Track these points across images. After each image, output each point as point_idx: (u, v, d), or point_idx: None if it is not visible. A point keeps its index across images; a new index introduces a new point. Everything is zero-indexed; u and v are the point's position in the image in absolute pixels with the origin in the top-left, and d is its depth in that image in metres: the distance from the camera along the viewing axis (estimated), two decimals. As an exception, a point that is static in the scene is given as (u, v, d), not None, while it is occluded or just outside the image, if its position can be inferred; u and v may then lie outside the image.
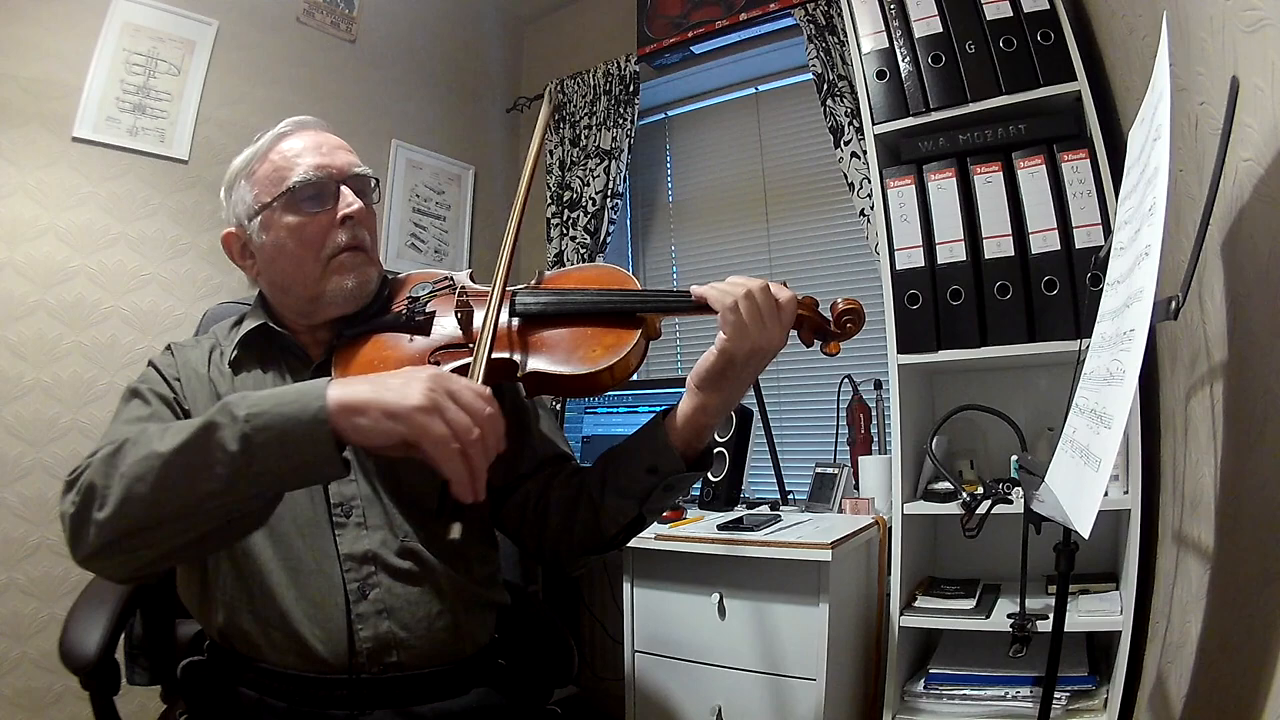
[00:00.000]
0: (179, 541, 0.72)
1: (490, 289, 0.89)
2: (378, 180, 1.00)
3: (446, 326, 0.93)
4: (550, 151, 2.60)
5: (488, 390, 0.70)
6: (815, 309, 0.89)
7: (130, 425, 0.85)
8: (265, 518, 0.76)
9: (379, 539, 0.89)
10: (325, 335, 0.97)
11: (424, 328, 0.93)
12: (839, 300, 0.88)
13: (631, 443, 0.92)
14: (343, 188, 0.94)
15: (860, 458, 1.78)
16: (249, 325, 0.98)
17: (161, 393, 0.92)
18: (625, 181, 2.49)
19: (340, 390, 0.69)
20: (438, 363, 0.88)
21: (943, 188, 1.54)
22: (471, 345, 0.88)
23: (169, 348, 1.01)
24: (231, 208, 0.97)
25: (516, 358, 0.87)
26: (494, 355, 0.87)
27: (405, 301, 0.97)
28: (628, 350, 0.85)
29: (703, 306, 0.83)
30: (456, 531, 0.70)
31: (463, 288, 0.96)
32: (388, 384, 0.69)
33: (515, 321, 0.90)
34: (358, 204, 0.94)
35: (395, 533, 0.90)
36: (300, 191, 0.91)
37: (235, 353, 0.96)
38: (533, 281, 0.97)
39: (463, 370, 0.83)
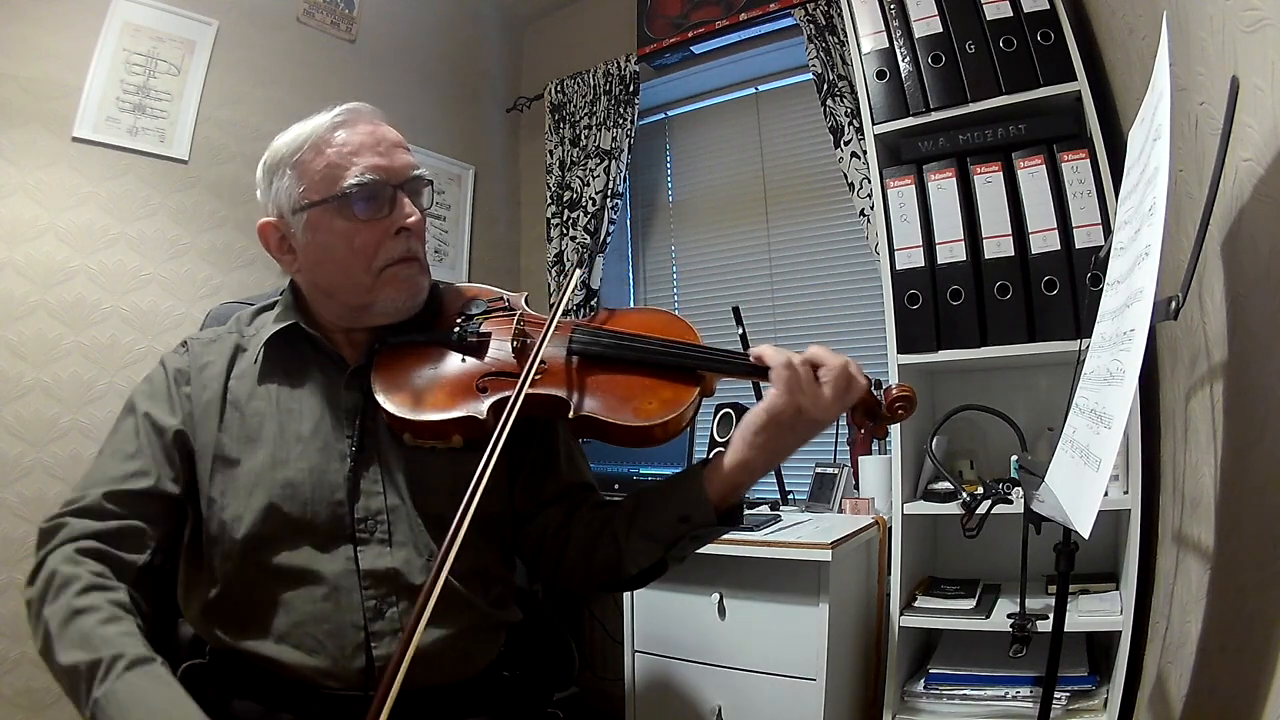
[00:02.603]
0: None
1: (546, 321, 0.86)
2: (431, 181, 0.92)
3: (501, 352, 0.89)
4: (550, 151, 2.60)
5: None
6: (870, 390, 0.86)
7: (114, 465, 0.83)
8: None
9: (402, 557, 0.85)
10: (362, 338, 0.92)
11: (478, 350, 0.90)
12: (893, 386, 0.86)
13: (666, 487, 0.89)
14: (400, 194, 0.87)
15: (860, 458, 1.78)
16: (279, 325, 0.91)
17: (158, 420, 0.86)
18: (625, 181, 2.49)
19: None
20: (485, 389, 0.85)
21: (943, 188, 1.54)
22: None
23: (185, 344, 0.94)
24: (273, 195, 0.88)
25: (570, 397, 0.84)
26: (548, 391, 0.84)
27: (459, 318, 0.93)
28: (684, 408, 0.83)
29: (763, 371, 0.81)
30: None
31: (522, 314, 0.92)
32: None
33: (574, 360, 0.87)
34: (416, 215, 0.87)
35: (420, 550, 0.86)
36: (355, 195, 0.84)
37: (261, 356, 0.91)
38: (589, 318, 0.94)
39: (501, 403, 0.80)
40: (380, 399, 0.85)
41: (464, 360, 0.89)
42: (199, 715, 0.65)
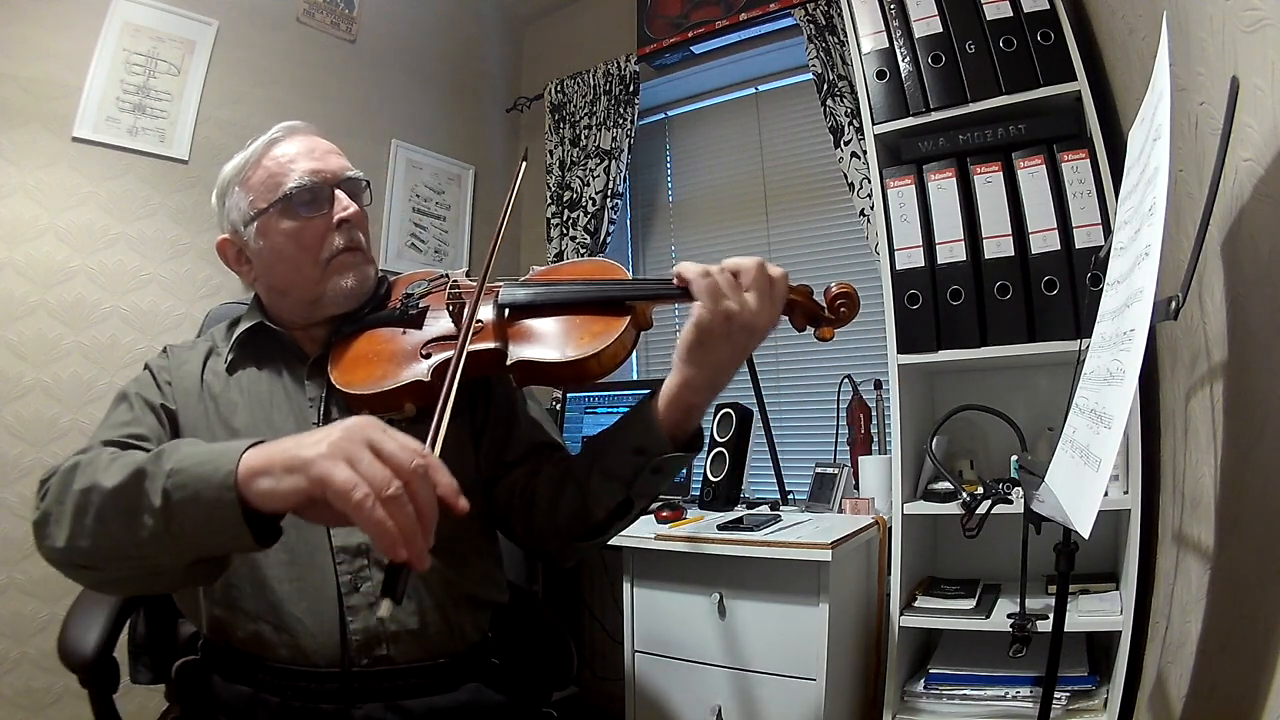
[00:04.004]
0: (123, 580, 0.72)
1: (478, 279, 0.90)
2: (369, 182, 1.01)
3: (439, 320, 0.95)
4: (550, 151, 2.60)
5: (422, 446, 0.63)
6: (809, 295, 0.88)
7: (112, 430, 0.88)
8: (225, 567, 0.74)
9: None
10: (321, 332, 0.98)
11: (417, 321, 0.96)
12: (832, 285, 0.88)
13: (618, 424, 0.91)
14: (337, 191, 0.95)
15: (860, 458, 1.78)
16: (245, 325, 0.99)
17: (148, 398, 0.93)
18: (625, 181, 2.49)
19: (255, 452, 0.64)
20: (429, 354, 0.91)
21: (943, 188, 1.54)
22: None
23: (165, 350, 1.02)
24: (225, 214, 0.98)
25: (504, 347, 0.88)
26: (482, 346, 0.88)
27: (400, 298, 0.99)
28: (615, 337, 0.85)
29: (688, 292, 0.82)
30: (384, 609, 0.58)
31: (455, 282, 0.97)
32: (302, 439, 0.62)
33: (504, 313, 0.91)
34: (353, 207, 0.95)
35: None
36: (296, 197, 0.93)
37: (231, 355, 0.97)
38: (524, 277, 0.98)
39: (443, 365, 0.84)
40: (336, 382, 0.91)
41: (405, 333, 0.95)
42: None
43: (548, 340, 0.88)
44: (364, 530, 0.58)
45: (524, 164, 0.99)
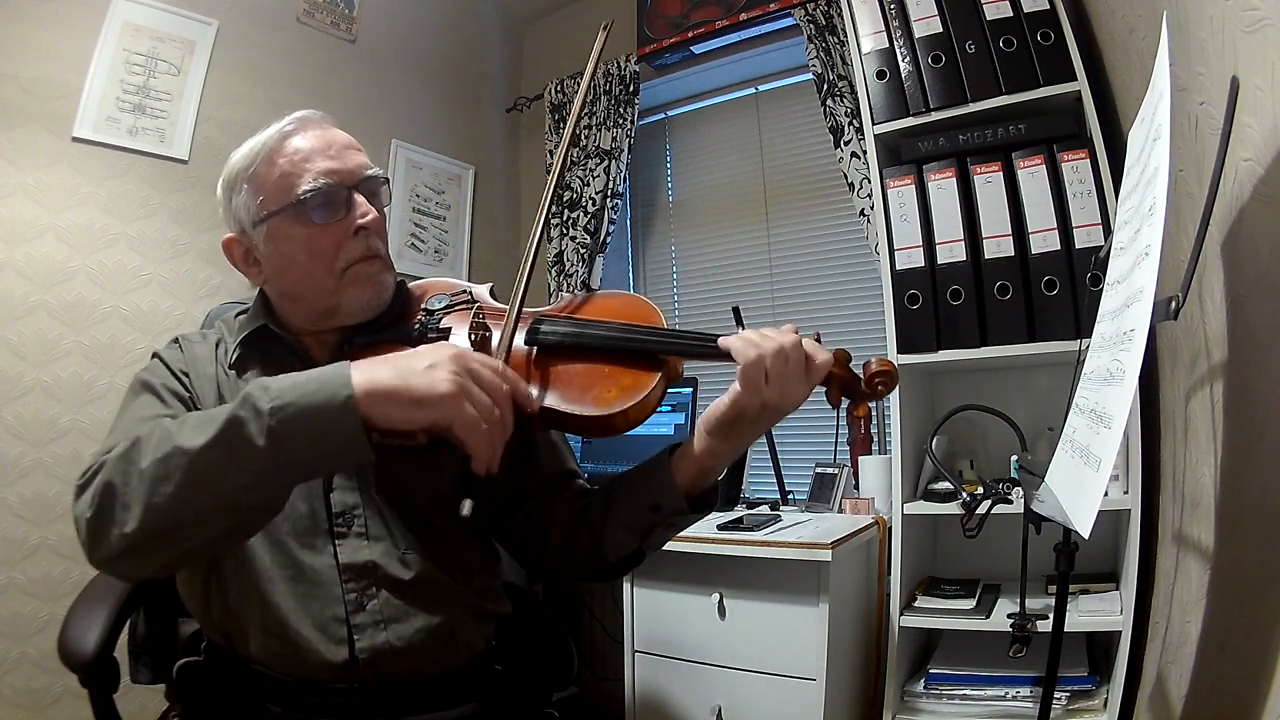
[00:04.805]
0: (203, 539, 0.71)
1: (508, 309, 0.85)
2: (387, 179, 0.94)
3: (460, 346, 0.90)
4: (550, 151, 2.60)
5: (501, 365, 0.73)
6: (847, 365, 0.84)
7: (144, 423, 0.80)
8: (286, 499, 0.76)
9: (381, 549, 0.87)
10: (332, 338, 0.93)
11: None
12: (872, 360, 0.83)
13: (637, 476, 0.89)
14: (355, 195, 0.88)
15: (860, 458, 1.78)
16: (250, 326, 0.94)
17: (175, 389, 0.88)
18: (625, 181, 2.49)
19: (365, 375, 0.69)
20: None
21: (943, 188, 1.54)
22: None
23: (176, 340, 0.97)
24: (233, 212, 0.91)
25: (530, 391, 0.83)
26: None
27: (421, 313, 0.93)
28: (644, 395, 0.80)
29: (727, 355, 0.79)
30: (467, 508, 0.71)
31: (480, 306, 0.92)
32: (413, 368, 0.70)
33: (532, 351, 0.86)
34: (372, 213, 0.89)
35: (397, 543, 0.88)
36: (310, 201, 0.86)
37: (237, 353, 0.93)
38: (553, 305, 0.93)
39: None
40: None
41: None
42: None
43: (574, 389, 0.82)
44: (470, 449, 0.70)
45: (604, 34, 0.97)
